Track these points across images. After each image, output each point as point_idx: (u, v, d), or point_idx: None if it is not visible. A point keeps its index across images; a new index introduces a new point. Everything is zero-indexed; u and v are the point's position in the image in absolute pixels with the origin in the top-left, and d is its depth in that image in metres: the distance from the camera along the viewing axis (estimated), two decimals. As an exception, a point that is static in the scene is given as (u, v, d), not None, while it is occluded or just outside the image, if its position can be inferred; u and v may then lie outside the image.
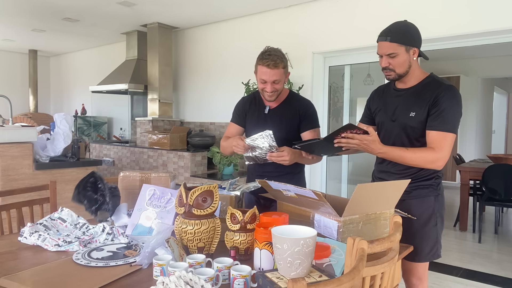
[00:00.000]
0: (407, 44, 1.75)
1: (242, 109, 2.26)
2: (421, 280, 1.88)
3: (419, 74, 1.84)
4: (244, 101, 2.28)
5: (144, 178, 1.94)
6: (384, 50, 1.79)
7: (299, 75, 4.46)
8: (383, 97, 1.97)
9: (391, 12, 3.80)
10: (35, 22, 5.54)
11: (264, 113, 2.18)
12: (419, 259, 1.83)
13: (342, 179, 4.69)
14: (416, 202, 1.83)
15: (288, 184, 1.60)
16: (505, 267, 3.68)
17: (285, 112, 2.16)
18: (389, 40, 1.76)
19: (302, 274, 1.15)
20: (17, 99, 7.60)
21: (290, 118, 2.15)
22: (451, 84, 1.77)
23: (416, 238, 1.81)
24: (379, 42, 1.82)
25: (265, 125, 2.13)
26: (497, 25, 3.29)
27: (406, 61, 1.78)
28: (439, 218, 1.85)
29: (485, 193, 4.46)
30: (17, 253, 1.51)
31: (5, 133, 3.10)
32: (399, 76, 1.82)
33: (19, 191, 2.22)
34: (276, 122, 2.14)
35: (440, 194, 1.86)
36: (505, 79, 9.74)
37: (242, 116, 2.25)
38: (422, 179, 1.82)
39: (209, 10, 4.83)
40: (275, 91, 2.05)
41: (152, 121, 5.52)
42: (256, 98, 2.25)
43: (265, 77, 2.00)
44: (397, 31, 1.77)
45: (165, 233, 1.39)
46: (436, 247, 1.84)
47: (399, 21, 1.82)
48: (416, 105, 1.78)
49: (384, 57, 1.81)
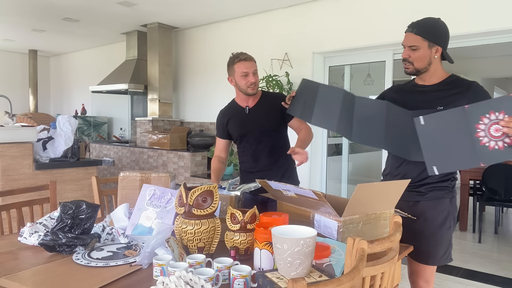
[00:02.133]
0: (431, 40, 1.73)
1: (221, 122, 2.36)
2: (428, 283, 1.85)
3: (441, 74, 1.81)
4: (222, 114, 2.38)
5: (144, 178, 1.94)
6: (407, 41, 1.78)
7: (299, 75, 4.46)
8: (401, 92, 1.92)
9: (391, 12, 3.80)
10: (35, 22, 5.54)
11: (245, 113, 2.29)
12: (433, 262, 1.80)
13: (342, 179, 4.69)
14: (431, 204, 1.79)
15: (288, 184, 1.60)
16: (505, 267, 3.68)
17: (264, 107, 2.29)
18: (414, 32, 1.75)
19: (302, 274, 1.15)
20: (17, 99, 7.60)
21: (272, 110, 2.27)
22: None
23: (431, 240, 1.78)
24: (405, 33, 1.80)
25: (248, 124, 2.26)
26: (497, 25, 3.29)
27: (426, 57, 1.75)
28: (453, 220, 1.82)
29: (485, 193, 4.46)
30: (17, 253, 1.50)
31: (5, 133, 3.10)
32: (416, 71, 1.79)
33: (19, 191, 2.22)
34: (258, 117, 2.27)
35: (454, 197, 1.83)
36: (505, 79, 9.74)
37: (224, 129, 2.36)
38: (439, 181, 1.78)
39: (209, 10, 4.83)
40: (256, 81, 2.21)
41: (152, 121, 5.52)
42: (232, 106, 2.37)
43: (246, 69, 2.17)
44: (425, 25, 1.75)
45: (165, 233, 1.39)
46: (449, 250, 1.81)
47: (432, 17, 1.80)
48: (444, 100, 1.72)
49: (406, 48, 1.79)
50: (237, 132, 2.30)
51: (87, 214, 1.56)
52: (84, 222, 1.56)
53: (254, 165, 2.29)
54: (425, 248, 1.79)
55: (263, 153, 2.27)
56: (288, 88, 4.44)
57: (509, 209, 6.22)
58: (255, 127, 2.26)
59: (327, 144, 4.59)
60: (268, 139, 2.27)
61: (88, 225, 1.57)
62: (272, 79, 4.39)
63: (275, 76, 4.44)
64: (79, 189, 3.61)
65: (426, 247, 1.78)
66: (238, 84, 2.22)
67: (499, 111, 1.36)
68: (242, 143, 2.31)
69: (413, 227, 1.77)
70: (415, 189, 1.80)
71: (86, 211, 1.56)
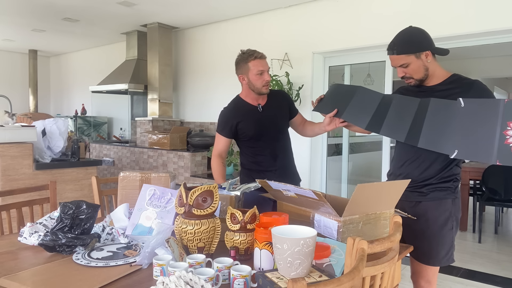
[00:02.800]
0: (415, 52, 1.73)
1: (230, 121, 2.24)
2: (430, 283, 1.84)
3: (441, 73, 1.80)
4: (230, 113, 2.26)
5: (144, 178, 1.94)
6: (395, 63, 1.79)
7: (299, 75, 4.46)
8: (406, 92, 1.92)
9: (391, 12, 3.80)
10: (35, 22, 5.54)
11: (258, 111, 2.26)
12: (434, 262, 1.80)
13: (342, 179, 4.69)
14: (433, 205, 1.78)
15: (288, 184, 1.60)
16: (505, 267, 3.68)
17: (275, 104, 2.30)
18: (396, 53, 1.76)
19: (302, 274, 1.15)
20: (17, 99, 7.60)
21: (283, 107, 2.32)
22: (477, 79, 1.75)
23: (432, 241, 1.78)
24: (389, 56, 1.81)
25: (265, 122, 2.23)
26: (497, 25, 3.29)
27: (421, 66, 1.75)
28: (455, 221, 1.81)
29: (485, 193, 4.46)
30: (17, 253, 1.50)
31: (5, 133, 3.10)
32: (420, 81, 1.80)
33: (19, 191, 2.22)
34: (274, 115, 2.27)
35: (457, 198, 1.82)
36: (505, 79, 9.74)
37: (233, 128, 2.25)
38: (441, 181, 1.77)
39: (209, 10, 4.83)
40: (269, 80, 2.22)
41: (152, 121, 5.52)
42: (240, 104, 2.29)
43: (262, 67, 2.17)
44: (402, 42, 1.76)
45: (165, 233, 1.39)
46: (451, 251, 1.80)
47: (403, 30, 1.80)
48: (447, 99, 1.70)
49: (398, 68, 1.80)
50: (253, 131, 2.23)
51: (87, 214, 1.56)
52: (84, 222, 1.56)
53: (274, 163, 2.27)
54: (426, 249, 1.78)
55: (280, 151, 2.28)
56: (288, 88, 4.44)
57: (509, 209, 6.22)
58: (272, 125, 2.25)
59: (327, 144, 4.59)
60: (284, 136, 2.31)
61: (88, 225, 1.57)
62: (272, 79, 4.39)
63: (275, 76, 4.44)
64: (79, 189, 3.61)
65: (427, 248, 1.78)
66: (252, 82, 2.18)
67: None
68: (259, 142, 2.26)
69: (414, 227, 1.77)
70: (417, 189, 1.80)
71: (86, 212, 1.56)
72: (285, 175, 2.25)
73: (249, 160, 2.32)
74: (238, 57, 2.23)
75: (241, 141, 2.31)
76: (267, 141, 2.25)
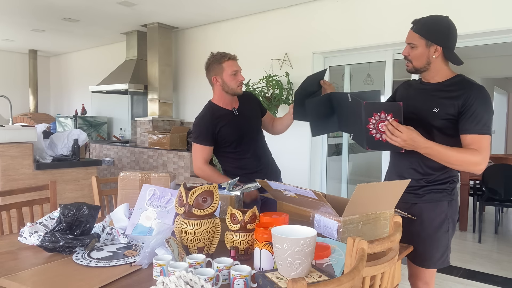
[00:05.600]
0: (429, 39, 1.69)
1: (209, 129, 2.19)
2: (428, 285, 1.83)
3: (446, 73, 1.74)
4: (207, 120, 2.21)
5: (144, 178, 1.94)
6: (407, 38, 1.76)
7: (299, 75, 4.46)
8: (408, 87, 1.90)
9: (391, 12, 3.80)
10: (35, 22, 5.54)
11: (235, 115, 2.27)
12: (428, 265, 1.78)
13: (342, 179, 4.69)
14: (428, 206, 1.76)
15: (288, 184, 1.60)
16: (505, 267, 3.68)
17: (248, 106, 2.34)
18: (414, 30, 1.73)
19: (302, 274, 1.15)
20: (17, 99, 7.60)
21: (254, 108, 2.37)
22: (481, 85, 1.67)
23: (427, 243, 1.76)
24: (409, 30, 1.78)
25: (243, 125, 2.26)
26: (497, 25, 3.29)
27: (424, 56, 1.71)
28: (451, 224, 1.78)
29: (485, 193, 4.46)
30: (17, 253, 1.50)
31: (5, 133, 3.10)
32: (415, 69, 1.76)
33: (19, 191, 2.22)
34: (249, 117, 2.31)
35: (454, 200, 1.79)
36: (505, 79, 9.74)
37: (214, 136, 2.21)
38: (437, 183, 1.75)
39: (209, 10, 4.83)
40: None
41: (152, 121, 5.52)
42: (215, 110, 2.25)
43: (236, 68, 2.21)
44: (425, 23, 1.71)
45: (165, 233, 1.39)
46: (446, 253, 1.78)
47: (437, 15, 1.76)
48: (441, 102, 1.69)
49: (407, 45, 1.77)
50: (234, 136, 2.21)
51: (87, 216, 1.56)
52: (84, 224, 1.56)
53: (258, 164, 2.29)
54: (421, 251, 1.76)
55: (261, 150, 2.34)
56: (288, 88, 4.44)
57: (509, 209, 6.22)
58: (250, 127, 2.28)
59: (327, 144, 4.59)
60: (261, 135, 2.37)
61: (88, 227, 1.57)
62: (272, 79, 4.39)
63: (275, 76, 4.44)
64: (79, 189, 3.61)
65: (422, 250, 1.76)
66: (226, 83, 2.19)
67: (388, 113, 1.61)
68: (241, 146, 2.24)
69: (409, 229, 1.73)
70: (413, 191, 1.78)
71: (86, 213, 1.56)
72: (270, 173, 2.33)
73: (232, 166, 2.28)
74: (210, 59, 2.24)
75: (221, 147, 2.25)
76: (248, 143, 2.26)
